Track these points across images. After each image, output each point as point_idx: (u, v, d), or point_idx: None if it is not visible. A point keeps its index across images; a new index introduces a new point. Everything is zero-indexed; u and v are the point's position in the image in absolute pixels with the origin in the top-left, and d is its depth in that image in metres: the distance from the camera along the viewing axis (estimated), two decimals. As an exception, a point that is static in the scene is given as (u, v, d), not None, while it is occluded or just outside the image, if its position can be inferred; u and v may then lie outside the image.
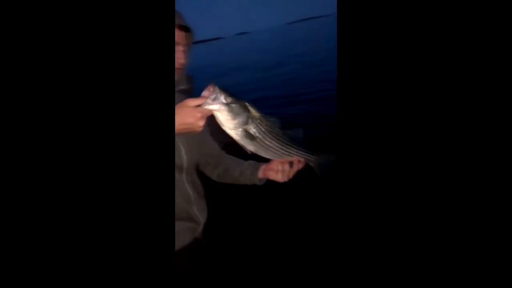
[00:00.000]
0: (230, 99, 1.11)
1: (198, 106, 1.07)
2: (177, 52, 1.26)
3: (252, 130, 1.17)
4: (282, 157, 1.25)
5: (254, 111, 1.17)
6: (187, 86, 1.39)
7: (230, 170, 1.51)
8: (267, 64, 17.22)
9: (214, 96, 1.09)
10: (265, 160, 1.27)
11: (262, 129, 1.18)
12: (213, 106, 1.09)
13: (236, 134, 1.15)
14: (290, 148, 1.25)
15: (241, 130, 1.15)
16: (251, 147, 1.19)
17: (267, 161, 1.25)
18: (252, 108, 1.16)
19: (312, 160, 1.30)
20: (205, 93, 1.09)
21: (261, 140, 1.19)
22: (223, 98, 1.10)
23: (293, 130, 1.26)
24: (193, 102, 1.07)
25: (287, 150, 1.24)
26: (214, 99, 1.09)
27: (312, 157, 1.30)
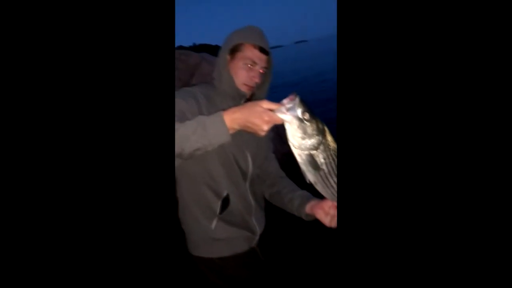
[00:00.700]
0: (306, 116, 0.95)
1: (271, 110, 0.96)
2: (253, 71, 1.28)
3: (320, 159, 0.99)
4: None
5: (330, 139, 0.99)
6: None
7: (282, 194, 1.42)
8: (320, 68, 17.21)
9: (291, 106, 0.95)
10: (320, 195, 1.09)
11: (332, 163, 1.00)
12: (284, 116, 0.95)
13: (300, 155, 0.99)
14: None
15: (307, 153, 0.98)
16: (311, 177, 1.01)
17: (322, 196, 1.08)
18: (329, 135, 0.99)
19: None
20: (284, 100, 0.96)
21: (325, 174, 1.01)
22: (299, 112, 0.95)
23: None
24: (267, 105, 0.97)
25: None
26: (289, 109, 0.95)
27: None
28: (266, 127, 0.96)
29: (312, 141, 0.96)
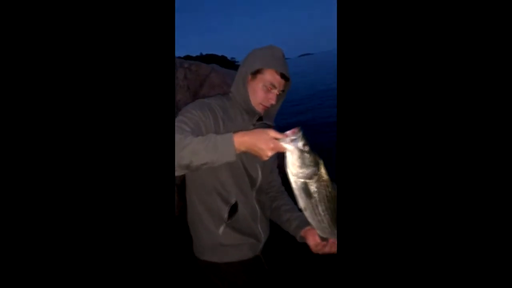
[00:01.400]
0: (306, 148, 1.07)
1: (276, 139, 1.08)
2: (271, 94, 1.37)
3: (313, 187, 1.11)
4: (322, 230, 1.21)
5: (324, 172, 1.11)
6: (269, 123, 1.50)
7: (281, 210, 1.52)
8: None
9: (294, 138, 1.07)
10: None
11: (323, 192, 1.11)
12: (288, 146, 1.07)
13: (295, 182, 1.10)
14: (332, 227, 1.20)
15: (302, 181, 1.10)
16: (302, 203, 1.13)
17: None
18: (324, 168, 1.11)
19: None
20: (289, 132, 1.08)
21: (315, 201, 1.12)
22: (301, 144, 1.07)
23: None
24: (274, 134, 1.08)
25: (329, 228, 1.20)
26: (292, 141, 1.07)
27: None
28: (270, 153, 1.08)
29: (308, 171, 1.08)
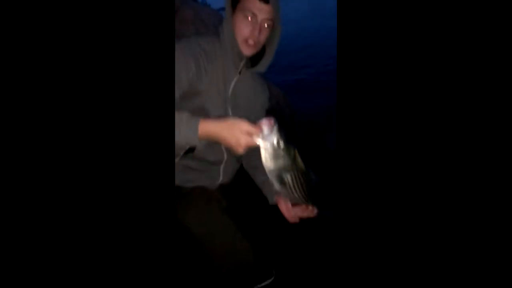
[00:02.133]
0: (281, 144, 1.05)
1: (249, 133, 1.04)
2: (254, 24, 1.18)
3: (287, 177, 1.12)
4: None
5: (300, 162, 1.11)
6: (261, 70, 1.34)
7: (257, 171, 1.48)
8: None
9: (267, 134, 1.03)
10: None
11: (297, 181, 1.13)
12: (261, 143, 1.04)
13: (269, 172, 1.10)
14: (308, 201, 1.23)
15: (276, 173, 1.10)
16: (277, 188, 1.15)
17: None
18: (298, 158, 1.10)
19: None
20: (263, 123, 1.04)
21: (290, 188, 1.14)
22: (275, 141, 1.04)
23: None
24: (246, 128, 1.04)
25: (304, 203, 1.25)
26: (266, 138, 1.03)
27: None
28: (241, 150, 1.06)
29: (282, 164, 1.08)
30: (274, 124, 1.03)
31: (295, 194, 1.16)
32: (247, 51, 1.24)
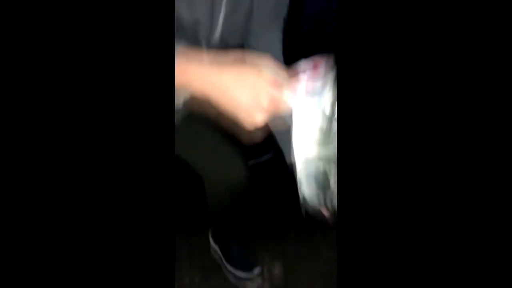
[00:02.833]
0: (335, 109, 0.56)
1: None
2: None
3: (331, 170, 0.64)
4: None
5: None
6: None
7: None
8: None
9: (318, 88, 0.54)
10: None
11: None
12: (301, 106, 0.55)
13: (311, 161, 0.62)
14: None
15: (322, 167, 0.62)
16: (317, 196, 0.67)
17: None
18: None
19: None
20: (305, 68, 0.56)
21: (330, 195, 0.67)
22: (329, 100, 0.55)
23: None
24: (271, 77, 0.56)
25: None
26: (313, 94, 0.54)
27: None
28: (260, 120, 0.57)
29: (332, 148, 0.60)
30: (325, 63, 0.54)
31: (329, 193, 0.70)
32: None
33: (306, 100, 0.55)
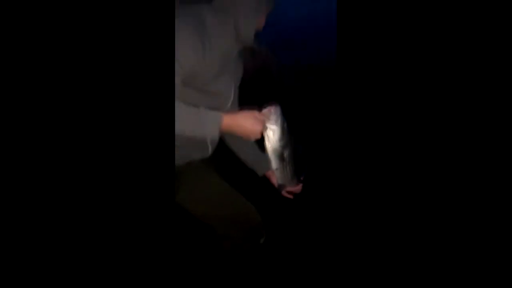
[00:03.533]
0: (285, 125, 1.18)
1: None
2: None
3: (286, 153, 1.26)
4: (285, 181, 1.38)
5: (289, 135, 1.24)
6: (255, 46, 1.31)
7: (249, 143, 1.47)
8: None
9: (275, 117, 1.16)
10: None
11: (292, 155, 1.28)
12: (271, 127, 1.16)
13: (274, 151, 1.23)
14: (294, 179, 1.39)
15: (279, 151, 1.23)
16: (275, 165, 1.28)
17: None
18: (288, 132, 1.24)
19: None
20: (266, 111, 1.16)
21: (286, 164, 1.29)
22: (283, 123, 1.18)
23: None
24: (259, 116, 1.15)
25: (291, 180, 1.39)
26: (274, 122, 1.16)
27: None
28: (255, 137, 1.17)
29: (285, 143, 1.22)
30: (277, 106, 1.17)
31: (288, 168, 1.31)
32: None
33: (273, 122, 1.16)
